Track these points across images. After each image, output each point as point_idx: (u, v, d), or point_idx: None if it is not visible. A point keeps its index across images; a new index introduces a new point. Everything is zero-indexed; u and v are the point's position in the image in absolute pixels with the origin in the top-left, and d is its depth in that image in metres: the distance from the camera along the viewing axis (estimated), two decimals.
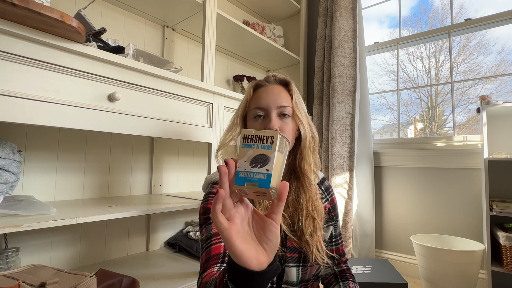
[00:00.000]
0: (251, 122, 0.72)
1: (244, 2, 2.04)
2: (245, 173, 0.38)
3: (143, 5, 1.41)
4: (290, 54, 2.04)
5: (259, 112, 0.70)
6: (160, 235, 1.51)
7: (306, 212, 0.69)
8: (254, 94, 0.73)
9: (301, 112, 0.72)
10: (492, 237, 1.40)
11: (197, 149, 1.75)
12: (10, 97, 0.72)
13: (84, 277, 0.74)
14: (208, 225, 0.67)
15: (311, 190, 0.71)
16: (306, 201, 0.70)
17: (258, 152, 0.39)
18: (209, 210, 0.65)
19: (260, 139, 0.39)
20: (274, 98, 0.70)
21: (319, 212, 0.71)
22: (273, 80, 0.75)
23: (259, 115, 0.70)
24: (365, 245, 1.85)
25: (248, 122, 0.73)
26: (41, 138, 1.14)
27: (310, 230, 0.68)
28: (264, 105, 0.70)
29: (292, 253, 0.68)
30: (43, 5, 0.68)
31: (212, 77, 1.33)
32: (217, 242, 0.64)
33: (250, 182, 0.37)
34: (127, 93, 0.98)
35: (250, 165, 0.38)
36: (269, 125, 0.68)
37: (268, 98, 0.70)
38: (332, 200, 0.82)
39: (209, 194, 0.72)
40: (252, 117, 0.72)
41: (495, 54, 1.78)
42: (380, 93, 2.19)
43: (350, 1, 1.92)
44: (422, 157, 1.79)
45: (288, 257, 0.68)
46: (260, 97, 0.71)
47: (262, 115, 0.70)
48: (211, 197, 0.70)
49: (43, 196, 1.13)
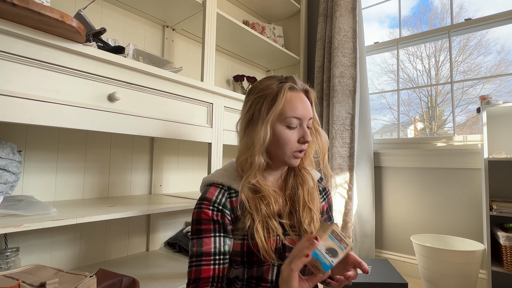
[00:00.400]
0: (284, 130, 0.69)
1: (244, 2, 2.04)
2: (320, 252, 0.55)
3: (143, 5, 1.42)
4: (290, 54, 2.04)
5: (295, 122, 0.69)
6: (160, 235, 1.51)
7: (303, 203, 0.71)
8: (289, 99, 0.69)
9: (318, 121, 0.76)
10: (492, 237, 1.40)
11: (197, 149, 1.75)
12: (10, 97, 0.72)
13: (84, 277, 0.74)
14: (200, 239, 0.65)
15: (308, 183, 0.75)
16: (303, 193, 0.73)
17: (334, 247, 0.57)
18: (202, 221, 0.66)
19: (340, 240, 0.58)
20: (308, 108, 0.71)
21: (315, 204, 0.73)
22: (302, 87, 0.73)
23: (294, 127, 0.70)
24: (365, 245, 1.85)
25: (278, 127, 0.69)
26: (41, 138, 1.14)
27: (307, 220, 0.70)
28: (301, 116, 0.69)
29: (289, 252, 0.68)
30: (43, 5, 0.68)
31: (212, 77, 1.33)
32: (207, 264, 0.63)
33: (319, 260, 0.54)
34: (127, 93, 0.98)
35: (326, 250, 0.55)
36: (306, 138, 0.69)
37: (304, 109, 0.70)
38: (329, 200, 0.83)
39: (203, 201, 0.68)
40: (285, 125, 0.69)
41: (495, 54, 1.78)
42: (380, 93, 2.19)
43: (350, 1, 1.92)
44: (422, 157, 1.79)
45: (286, 256, 0.68)
46: (297, 107, 0.69)
47: (296, 126, 0.70)
48: (204, 205, 0.67)
49: (43, 196, 1.13)
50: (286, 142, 0.69)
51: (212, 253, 0.64)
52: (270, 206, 0.69)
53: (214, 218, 0.66)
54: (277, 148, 0.70)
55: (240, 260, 0.67)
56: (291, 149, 0.70)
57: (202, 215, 0.66)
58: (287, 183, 0.76)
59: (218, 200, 0.68)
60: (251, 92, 0.74)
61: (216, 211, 0.67)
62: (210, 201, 0.67)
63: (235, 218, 0.69)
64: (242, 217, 0.68)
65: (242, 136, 0.73)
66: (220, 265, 0.65)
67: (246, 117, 0.72)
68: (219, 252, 0.65)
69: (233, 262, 0.69)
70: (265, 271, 0.68)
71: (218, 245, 0.65)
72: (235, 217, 0.69)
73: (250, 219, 0.67)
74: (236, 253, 0.68)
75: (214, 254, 0.64)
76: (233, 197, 0.70)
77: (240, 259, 0.67)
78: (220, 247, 0.65)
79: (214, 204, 0.67)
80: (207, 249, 0.64)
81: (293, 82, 0.71)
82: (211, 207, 0.67)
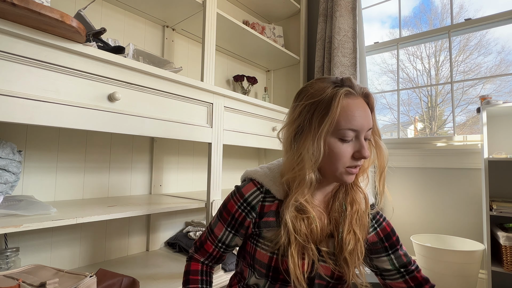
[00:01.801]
0: (337, 143, 0.59)
1: (244, 2, 2.04)
2: None
3: (143, 5, 1.42)
4: (290, 54, 2.04)
5: (351, 135, 0.58)
6: (160, 235, 1.51)
7: (349, 226, 0.62)
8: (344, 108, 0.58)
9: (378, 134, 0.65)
10: (492, 237, 1.40)
11: (197, 149, 1.75)
12: (10, 97, 0.72)
13: (84, 277, 0.74)
14: (217, 220, 0.69)
15: (360, 202, 0.64)
16: (351, 213, 0.63)
17: None
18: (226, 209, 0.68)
19: None
20: (367, 118, 0.59)
21: (362, 230, 0.63)
22: (360, 92, 0.61)
23: (349, 140, 0.59)
24: None
25: (331, 140, 0.59)
26: (41, 138, 1.14)
27: (350, 247, 0.60)
28: (358, 127, 0.58)
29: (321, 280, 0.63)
30: (43, 5, 0.68)
31: (212, 77, 1.33)
32: (212, 242, 0.70)
33: None
34: (127, 93, 0.98)
35: None
36: (363, 153, 0.58)
37: (362, 119, 0.58)
38: (384, 229, 0.69)
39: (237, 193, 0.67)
40: (338, 137, 0.59)
41: (495, 54, 1.78)
42: (380, 93, 2.19)
43: (350, 1, 1.92)
44: (422, 157, 1.79)
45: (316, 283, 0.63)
46: (354, 116, 0.57)
47: (351, 139, 0.59)
48: (236, 197, 0.67)
49: (43, 196, 1.13)
50: (338, 157, 0.59)
51: (218, 238, 0.69)
52: (314, 231, 0.61)
53: (235, 215, 0.66)
54: (328, 163, 0.60)
55: (265, 273, 0.63)
56: (343, 165, 0.59)
57: (229, 205, 0.68)
58: (335, 200, 0.66)
59: (249, 200, 0.65)
60: (300, 96, 0.64)
61: (242, 209, 0.66)
62: (242, 197, 0.66)
63: (260, 223, 0.65)
64: (277, 228, 0.62)
65: (288, 147, 0.64)
66: (220, 250, 0.70)
67: (294, 126, 0.62)
68: (223, 242, 0.69)
69: (256, 271, 0.65)
70: None
71: (225, 237, 0.68)
72: (260, 222, 0.65)
73: (286, 238, 0.60)
74: (262, 265, 0.63)
75: (219, 241, 0.69)
76: (267, 202, 0.65)
77: (265, 271, 0.63)
78: (225, 240, 0.68)
79: (243, 202, 0.66)
80: (217, 232, 0.69)
81: (350, 86, 0.60)
82: (239, 203, 0.66)
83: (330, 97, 0.58)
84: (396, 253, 0.68)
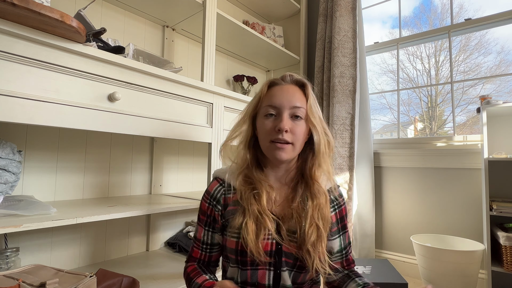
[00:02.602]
0: (262, 120, 0.70)
1: (244, 2, 2.04)
2: None
3: (143, 5, 1.42)
4: (290, 54, 2.04)
5: (271, 111, 0.68)
6: (160, 235, 1.51)
7: (311, 220, 0.65)
8: (268, 92, 0.71)
9: (315, 116, 0.70)
10: (492, 237, 1.40)
11: (197, 149, 1.75)
12: (10, 97, 0.72)
13: (84, 277, 0.74)
14: (197, 226, 0.76)
15: (319, 197, 0.68)
16: (312, 208, 0.67)
17: None
18: (201, 211, 0.75)
19: None
20: (288, 97, 0.68)
21: (325, 221, 0.67)
22: (290, 80, 0.73)
23: (270, 114, 0.68)
24: (365, 245, 1.85)
25: (259, 119, 0.71)
26: (41, 138, 1.14)
27: (313, 239, 0.64)
28: (277, 104, 0.68)
29: (288, 258, 0.66)
30: (43, 5, 0.68)
31: (212, 77, 1.33)
32: (197, 247, 0.74)
33: None
34: (127, 93, 0.98)
35: None
36: (280, 125, 0.65)
37: (282, 97, 0.68)
38: (341, 211, 0.75)
39: (205, 193, 0.76)
40: (263, 115, 0.70)
41: (495, 55, 1.78)
42: (380, 93, 2.19)
43: (350, 1, 1.92)
44: (422, 157, 1.79)
45: (283, 261, 0.66)
46: (274, 95, 0.69)
47: (274, 114, 0.68)
48: (205, 197, 0.75)
49: (43, 196, 1.13)
50: (262, 131, 0.69)
51: (201, 241, 0.74)
52: (261, 199, 0.66)
53: (208, 212, 0.73)
54: (260, 140, 0.71)
55: (235, 258, 0.67)
56: (268, 138, 0.67)
57: (201, 206, 0.75)
58: (296, 195, 0.70)
59: (214, 194, 0.73)
60: None
61: (211, 205, 0.73)
62: (209, 194, 0.74)
63: (225, 214, 0.71)
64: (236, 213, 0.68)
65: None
66: (207, 252, 0.74)
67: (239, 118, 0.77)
68: (207, 242, 0.74)
69: (230, 260, 0.69)
70: (260, 276, 0.66)
71: (206, 237, 0.74)
72: (225, 213, 0.71)
73: (242, 215, 0.66)
74: (232, 251, 0.68)
75: (202, 243, 0.74)
76: (229, 194, 0.72)
77: (234, 257, 0.67)
78: (207, 239, 0.74)
79: (210, 198, 0.74)
80: (199, 236, 0.74)
81: (282, 78, 0.73)
82: (208, 201, 0.74)
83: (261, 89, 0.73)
84: (345, 234, 0.75)
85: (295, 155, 0.70)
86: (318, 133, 0.69)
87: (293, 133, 0.67)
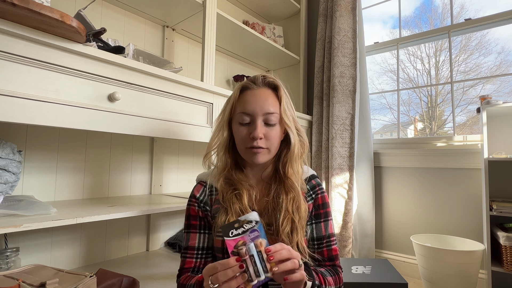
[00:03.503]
0: (237, 126, 0.70)
1: (244, 2, 2.04)
2: None
3: (143, 5, 1.41)
4: (290, 54, 2.04)
5: (245, 118, 0.69)
6: (160, 235, 1.51)
7: (285, 212, 0.67)
8: (241, 97, 0.71)
9: (289, 118, 0.71)
10: (492, 237, 1.40)
11: (197, 149, 1.75)
12: (10, 97, 0.72)
13: (84, 277, 0.74)
14: (188, 234, 0.74)
15: (293, 191, 0.70)
16: (286, 201, 0.68)
17: None
18: (190, 217, 0.74)
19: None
20: (261, 104, 0.68)
21: (300, 213, 0.68)
22: (262, 83, 0.72)
23: (245, 122, 0.69)
24: (365, 245, 1.85)
25: (234, 125, 0.72)
26: (41, 138, 1.14)
27: (287, 230, 0.66)
28: (250, 111, 0.68)
29: None
30: (43, 5, 0.68)
31: (212, 77, 1.33)
32: (191, 257, 0.72)
33: None
34: (127, 93, 0.98)
35: None
36: (253, 133, 0.67)
37: (255, 104, 0.68)
38: (317, 199, 0.76)
39: (190, 198, 0.76)
40: (237, 122, 0.70)
41: (495, 55, 1.78)
42: (380, 93, 2.19)
43: (350, 1, 1.92)
44: (422, 157, 1.79)
45: None
46: (247, 102, 0.69)
47: (248, 122, 0.69)
48: (191, 202, 0.75)
49: (43, 196, 1.13)
50: (238, 138, 0.70)
51: (195, 248, 0.72)
52: (242, 199, 0.68)
53: (199, 215, 0.74)
54: (237, 145, 0.72)
55: (222, 257, 0.68)
56: (244, 145, 0.69)
57: (190, 212, 0.75)
58: (270, 190, 0.72)
59: (200, 198, 0.75)
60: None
61: (200, 207, 0.74)
62: (195, 197, 0.75)
63: (212, 213, 0.73)
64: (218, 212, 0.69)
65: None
66: (202, 258, 0.73)
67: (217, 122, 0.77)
68: (202, 247, 0.73)
69: (218, 260, 0.69)
70: None
71: (201, 241, 0.73)
72: (212, 212, 0.73)
73: (224, 213, 0.67)
74: (219, 250, 0.70)
75: (197, 249, 0.72)
76: (213, 195, 0.75)
77: (221, 256, 0.69)
78: (203, 244, 0.73)
79: (196, 201, 0.74)
80: (192, 244, 0.72)
81: (253, 80, 0.72)
82: (196, 204, 0.74)
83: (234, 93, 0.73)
84: (320, 224, 0.74)
85: (271, 157, 0.72)
86: (294, 134, 0.71)
87: (267, 138, 0.69)
